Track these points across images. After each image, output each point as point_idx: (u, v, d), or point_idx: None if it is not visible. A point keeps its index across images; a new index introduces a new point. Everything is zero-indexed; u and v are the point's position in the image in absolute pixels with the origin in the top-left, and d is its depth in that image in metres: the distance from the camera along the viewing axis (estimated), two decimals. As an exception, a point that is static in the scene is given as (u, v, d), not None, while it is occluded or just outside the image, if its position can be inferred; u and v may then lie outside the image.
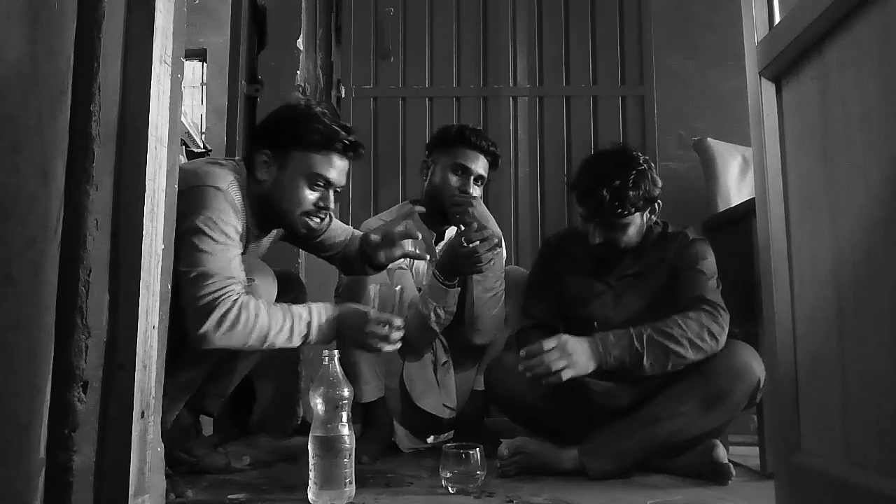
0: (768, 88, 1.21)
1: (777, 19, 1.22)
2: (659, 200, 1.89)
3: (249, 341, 1.49)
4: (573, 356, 1.68)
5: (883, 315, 0.90)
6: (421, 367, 2.14)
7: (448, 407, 2.15)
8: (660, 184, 1.88)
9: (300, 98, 1.75)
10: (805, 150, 1.11)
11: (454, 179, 2.13)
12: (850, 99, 0.97)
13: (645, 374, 1.71)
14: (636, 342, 1.70)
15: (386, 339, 1.63)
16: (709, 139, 2.49)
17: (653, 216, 1.91)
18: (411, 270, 2.19)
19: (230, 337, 1.46)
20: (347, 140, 1.65)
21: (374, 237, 1.86)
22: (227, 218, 1.51)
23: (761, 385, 1.68)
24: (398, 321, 1.64)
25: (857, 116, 0.96)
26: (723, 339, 1.73)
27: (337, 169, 1.66)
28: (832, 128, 1.02)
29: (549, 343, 1.70)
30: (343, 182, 1.70)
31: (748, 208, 1.93)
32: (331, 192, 1.68)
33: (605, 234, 1.85)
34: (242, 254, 1.65)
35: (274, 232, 1.83)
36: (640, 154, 1.87)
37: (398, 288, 1.79)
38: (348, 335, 1.63)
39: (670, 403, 1.72)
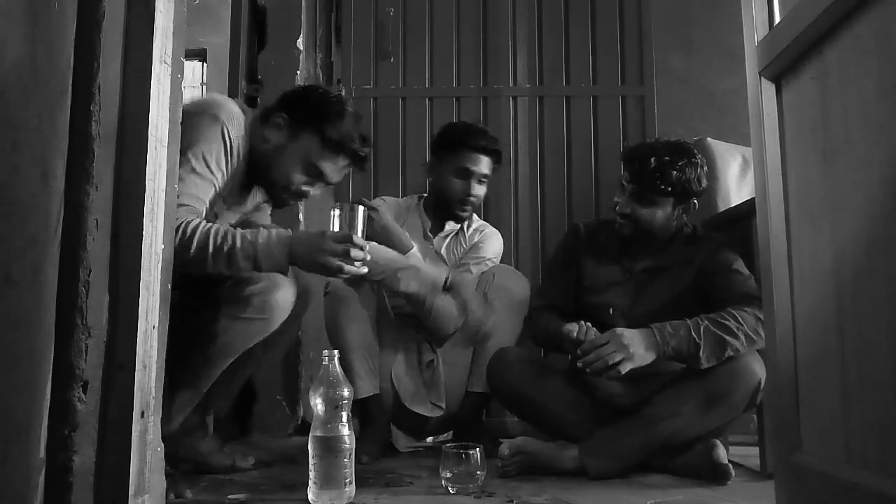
0: (768, 88, 1.21)
1: (777, 19, 1.22)
2: (696, 201, 1.90)
3: (191, 254, 1.44)
4: (630, 348, 1.68)
5: (883, 315, 0.90)
6: (408, 368, 2.15)
7: (436, 405, 2.14)
8: (704, 184, 1.90)
9: (340, 90, 1.79)
10: (805, 150, 1.11)
11: (458, 183, 2.23)
12: (850, 99, 0.97)
13: (700, 365, 1.70)
14: (694, 333, 1.69)
15: (347, 255, 1.50)
16: (709, 139, 2.49)
17: (685, 215, 1.92)
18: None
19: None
20: (361, 152, 1.69)
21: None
22: (213, 147, 1.52)
23: (762, 387, 1.67)
24: (359, 239, 1.52)
25: (857, 116, 0.96)
26: None
27: (337, 170, 1.69)
28: (832, 128, 1.02)
29: (602, 337, 1.71)
30: (336, 181, 1.74)
31: (748, 208, 1.93)
32: (318, 185, 1.70)
33: (632, 206, 1.86)
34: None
35: (250, 198, 1.79)
36: (699, 153, 1.91)
37: (361, 209, 1.58)
38: (303, 258, 1.52)
39: (670, 403, 1.72)
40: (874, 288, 0.92)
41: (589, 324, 1.79)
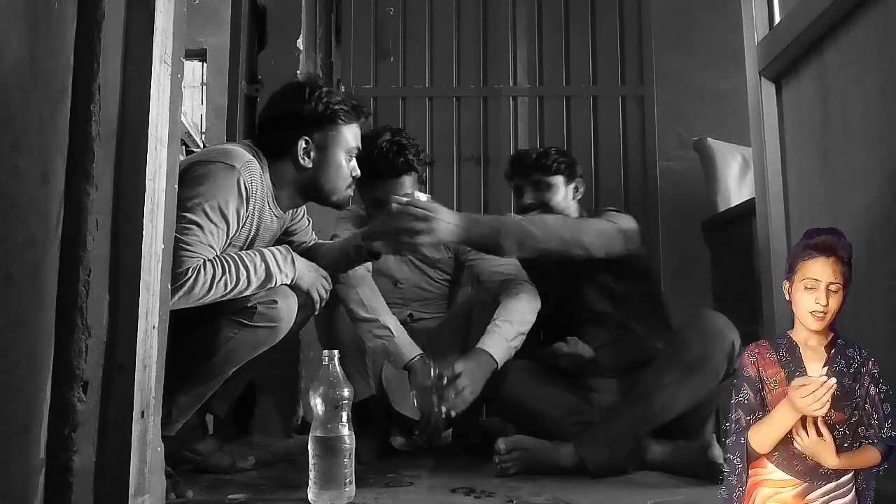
0: (768, 88, 1.21)
1: (777, 19, 1.22)
2: (581, 178, 2.10)
3: (209, 298, 1.51)
4: (439, 220, 1.73)
5: (883, 315, 0.90)
6: (397, 371, 2.13)
7: None
8: (580, 169, 2.13)
9: (299, 78, 1.82)
10: (805, 150, 1.11)
11: (378, 213, 1.88)
12: (850, 99, 0.97)
13: (502, 253, 1.80)
14: (495, 223, 1.83)
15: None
16: (709, 139, 2.49)
17: (577, 193, 2.09)
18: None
19: (187, 299, 1.46)
20: (365, 109, 1.78)
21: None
22: (228, 197, 1.53)
23: (737, 350, 1.69)
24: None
25: (857, 116, 0.96)
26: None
27: (359, 136, 1.78)
28: (832, 128, 1.02)
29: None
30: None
31: (748, 208, 1.93)
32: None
33: (535, 195, 2.03)
34: (256, 233, 1.69)
35: (287, 214, 1.81)
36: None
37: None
38: (305, 273, 1.69)
39: (653, 377, 1.74)
40: (874, 288, 0.92)
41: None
